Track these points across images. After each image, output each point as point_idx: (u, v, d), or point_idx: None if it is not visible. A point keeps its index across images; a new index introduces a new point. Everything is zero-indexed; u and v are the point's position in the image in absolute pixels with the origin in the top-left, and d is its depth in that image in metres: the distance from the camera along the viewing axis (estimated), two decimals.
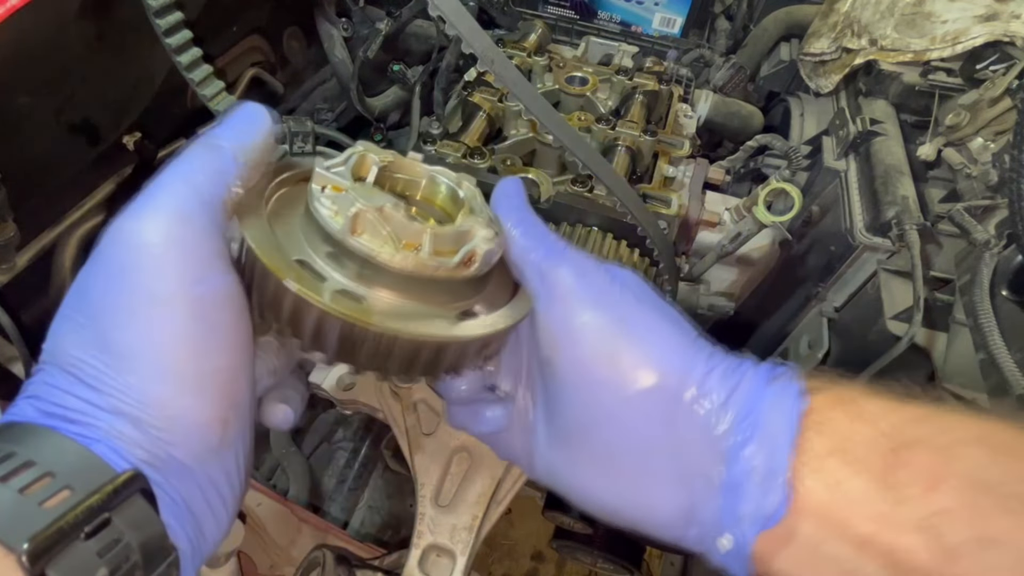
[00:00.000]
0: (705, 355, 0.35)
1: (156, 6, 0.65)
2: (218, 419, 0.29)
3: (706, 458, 0.32)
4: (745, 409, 0.32)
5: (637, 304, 0.36)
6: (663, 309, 0.37)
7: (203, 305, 0.29)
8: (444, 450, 0.68)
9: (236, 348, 0.31)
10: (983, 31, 0.85)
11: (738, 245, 0.84)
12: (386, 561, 0.66)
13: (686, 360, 0.34)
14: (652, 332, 0.35)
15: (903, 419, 0.31)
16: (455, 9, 0.46)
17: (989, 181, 0.84)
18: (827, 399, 0.32)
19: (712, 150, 1.33)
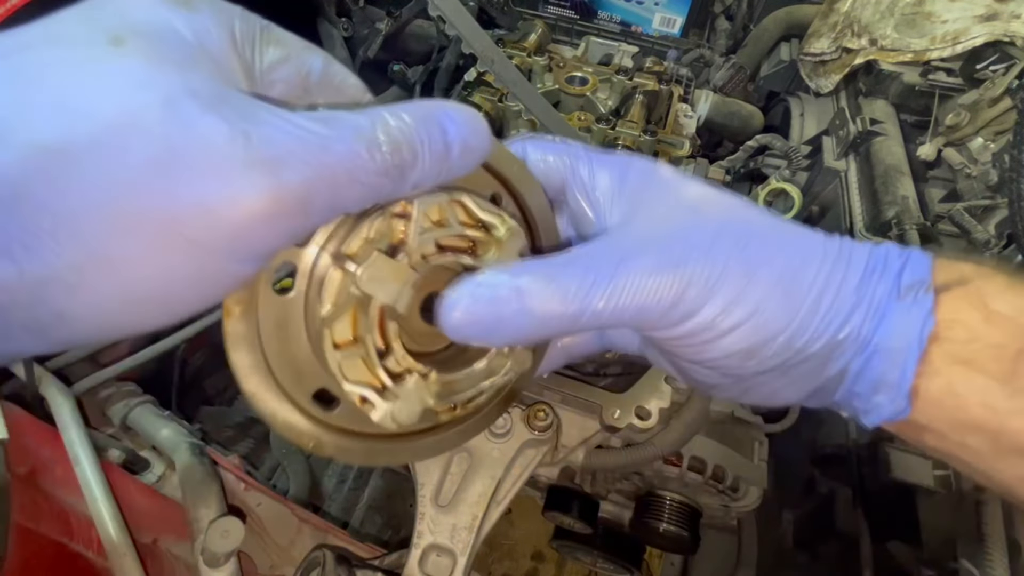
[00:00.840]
0: (834, 260, 0.33)
1: None
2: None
3: (833, 370, 0.34)
4: (873, 326, 0.33)
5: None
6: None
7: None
8: None
9: None
10: (983, 31, 0.85)
11: None
12: (386, 561, 0.66)
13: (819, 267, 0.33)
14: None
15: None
16: (455, 9, 0.47)
17: (989, 181, 0.84)
18: (958, 301, 0.32)
19: (712, 150, 1.33)
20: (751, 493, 0.90)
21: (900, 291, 0.33)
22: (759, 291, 0.32)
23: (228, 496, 0.67)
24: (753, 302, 0.32)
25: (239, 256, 0.24)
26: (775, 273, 0.33)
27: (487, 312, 0.31)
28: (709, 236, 0.33)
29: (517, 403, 0.64)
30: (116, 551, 0.63)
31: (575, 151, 0.37)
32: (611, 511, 1.09)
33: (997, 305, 0.31)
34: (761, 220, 0.35)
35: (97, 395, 0.73)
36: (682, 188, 0.36)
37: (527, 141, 0.38)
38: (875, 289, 0.33)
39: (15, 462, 0.64)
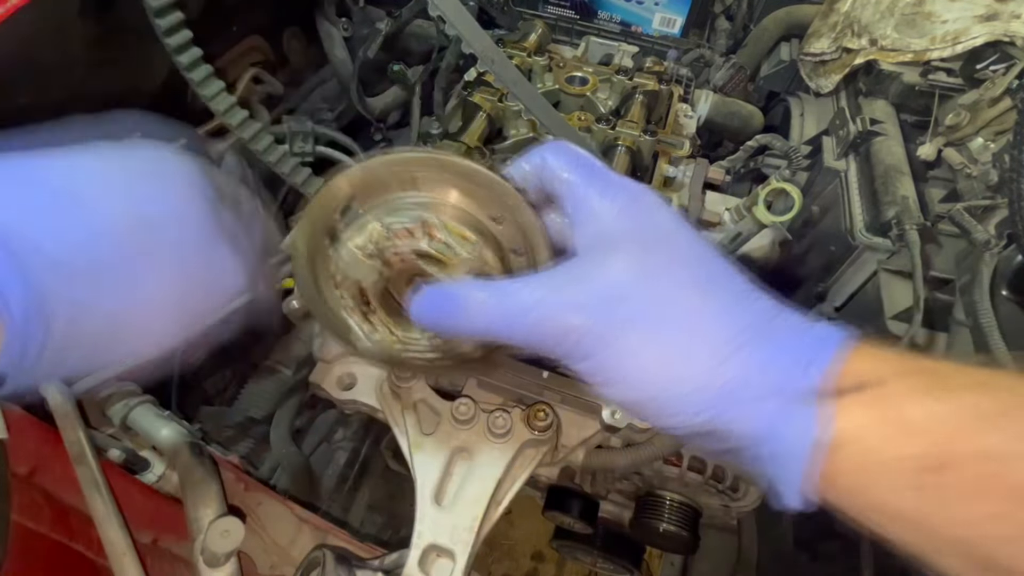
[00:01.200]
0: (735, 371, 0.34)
1: (156, 6, 0.65)
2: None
3: (724, 449, 0.35)
4: (763, 431, 0.33)
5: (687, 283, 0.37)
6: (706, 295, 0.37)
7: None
8: (444, 450, 0.68)
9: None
10: (983, 31, 0.85)
11: (738, 245, 0.84)
12: (386, 561, 0.66)
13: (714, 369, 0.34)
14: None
15: (946, 434, 0.29)
16: (456, 9, 0.47)
17: (989, 181, 0.84)
18: (866, 409, 0.31)
19: (712, 150, 1.33)
20: (751, 493, 0.89)
21: (796, 396, 0.32)
22: (638, 362, 0.35)
23: (228, 496, 0.67)
24: (628, 371, 0.35)
25: None
26: (661, 350, 0.35)
27: (436, 311, 0.39)
28: (620, 298, 0.36)
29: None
30: (116, 551, 0.63)
31: (586, 174, 0.40)
32: (611, 511, 1.09)
33: (912, 413, 0.29)
34: (689, 296, 0.36)
35: (97, 395, 0.73)
36: (645, 241, 0.38)
37: (548, 152, 0.41)
38: (767, 387, 0.33)
39: (15, 462, 0.64)
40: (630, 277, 0.36)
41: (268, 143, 0.80)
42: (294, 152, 0.97)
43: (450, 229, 0.41)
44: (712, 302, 0.36)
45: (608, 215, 0.39)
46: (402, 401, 0.70)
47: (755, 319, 0.35)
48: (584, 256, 0.39)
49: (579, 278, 0.37)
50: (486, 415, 0.68)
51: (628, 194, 0.40)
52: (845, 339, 0.33)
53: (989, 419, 0.28)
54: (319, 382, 0.79)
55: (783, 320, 0.35)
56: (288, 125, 0.96)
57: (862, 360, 0.32)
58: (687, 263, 0.38)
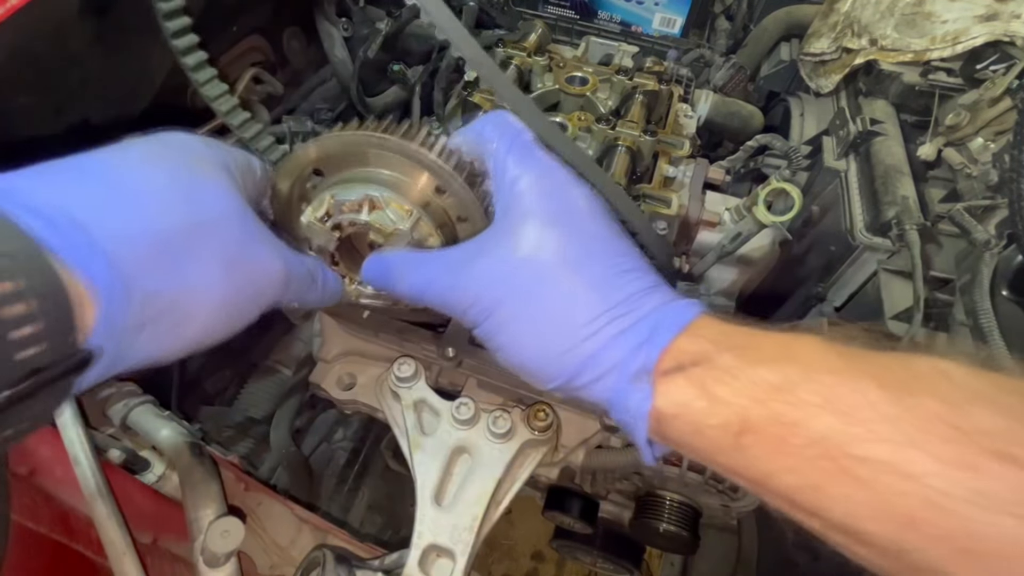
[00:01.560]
0: (588, 354, 0.40)
1: (166, 10, 0.65)
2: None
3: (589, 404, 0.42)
4: (611, 401, 0.40)
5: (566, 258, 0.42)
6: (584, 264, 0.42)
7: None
8: (444, 450, 0.68)
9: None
10: (983, 31, 0.85)
11: (738, 245, 0.84)
12: (386, 561, 0.66)
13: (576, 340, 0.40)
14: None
15: (751, 399, 0.34)
16: (446, 17, 0.47)
17: (989, 181, 0.84)
18: (682, 386, 0.36)
19: (712, 150, 1.33)
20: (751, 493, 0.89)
21: (632, 375, 0.38)
22: (514, 332, 0.42)
23: (228, 496, 0.67)
24: (509, 335, 0.42)
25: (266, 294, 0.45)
26: (533, 324, 0.41)
27: (376, 276, 0.49)
28: (509, 270, 0.42)
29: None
30: (116, 551, 0.63)
31: (508, 143, 0.46)
32: (611, 511, 1.09)
33: (718, 390, 0.35)
34: (570, 274, 0.41)
35: (97, 395, 0.73)
36: (546, 217, 0.43)
37: (485, 121, 0.48)
38: (610, 364, 0.39)
39: (15, 462, 0.64)
40: (521, 256, 0.42)
41: (269, 144, 0.80)
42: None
43: (392, 204, 0.49)
44: (589, 280, 0.41)
45: (519, 186, 0.44)
46: (402, 401, 0.70)
47: (624, 298, 0.40)
48: (489, 232, 0.45)
49: (475, 254, 0.44)
50: (486, 415, 0.68)
51: (541, 168, 0.45)
52: (689, 317, 0.39)
53: (779, 391, 0.33)
54: (319, 382, 0.79)
55: (648, 299, 0.40)
56: (288, 125, 0.96)
57: (693, 339, 0.38)
58: (580, 241, 0.42)
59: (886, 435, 0.29)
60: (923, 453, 0.28)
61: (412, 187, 0.50)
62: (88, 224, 0.32)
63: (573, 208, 0.43)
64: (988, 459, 0.27)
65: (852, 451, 0.30)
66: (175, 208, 0.37)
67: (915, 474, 0.28)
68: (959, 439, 0.27)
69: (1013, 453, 0.26)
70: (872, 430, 0.29)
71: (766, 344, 0.36)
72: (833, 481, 0.31)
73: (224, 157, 0.45)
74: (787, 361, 0.34)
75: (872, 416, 0.30)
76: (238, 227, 0.41)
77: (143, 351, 0.36)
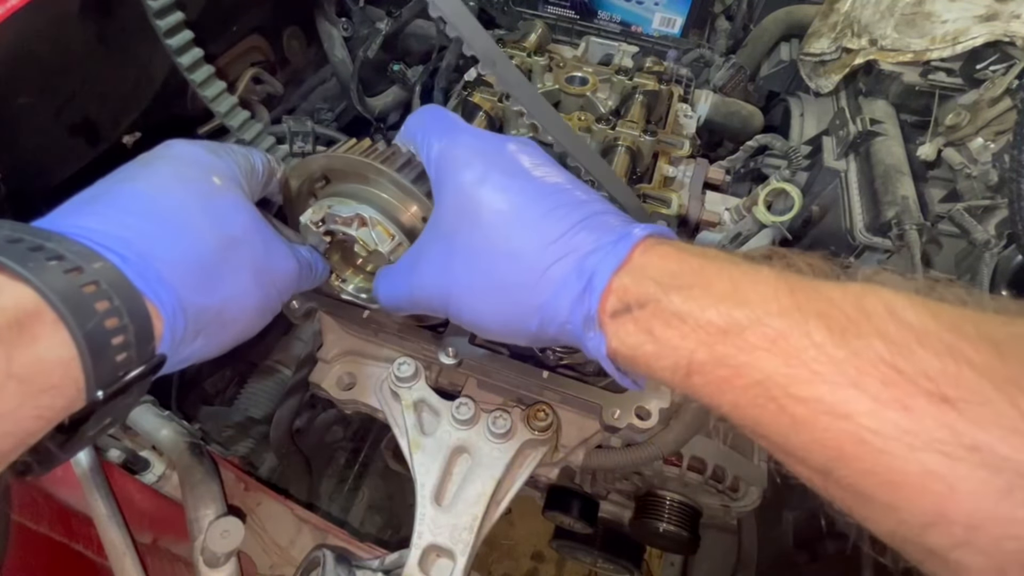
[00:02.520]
0: (549, 262, 0.41)
1: (157, 7, 0.65)
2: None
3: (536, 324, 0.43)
4: (575, 342, 0.42)
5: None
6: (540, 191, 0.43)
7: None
8: (444, 450, 0.68)
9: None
10: (983, 31, 0.85)
11: (738, 245, 0.84)
12: (386, 561, 0.66)
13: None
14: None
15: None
16: (457, 11, 0.46)
17: (989, 181, 0.84)
18: (629, 327, 0.38)
19: (712, 150, 1.33)
20: (751, 493, 0.90)
21: (582, 322, 0.40)
22: (474, 307, 0.44)
23: (228, 496, 0.67)
24: (471, 314, 0.45)
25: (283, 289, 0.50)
26: (492, 290, 0.43)
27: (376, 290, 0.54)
28: (446, 255, 0.45)
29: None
30: (116, 551, 0.63)
31: (431, 125, 0.49)
32: (611, 511, 1.09)
33: (666, 335, 0.36)
34: (492, 237, 0.42)
35: None
36: (469, 198, 0.44)
37: (411, 118, 0.51)
38: (563, 314, 0.40)
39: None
40: (452, 236, 0.44)
41: (270, 144, 0.80)
42: (294, 152, 0.97)
43: (378, 226, 0.54)
44: (521, 233, 0.41)
45: (436, 161, 0.47)
46: (402, 401, 0.70)
47: (558, 236, 0.41)
48: (429, 223, 0.48)
49: (421, 250, 0.48)
50: (486, 415, 0.68)
51: (452, 135, 0.47)
52: (625, 252, 0.38)
53: (726, 334, 0.33)
54: (319, 382, 0.79)
55: (585, 234, 0.40)
56: (288, 125, 0.96)
57: (637, 278, 0.38)
58: (504, 195, 0.43)
59: (828, 377, 0.30)
60: (861, 393, 0.29)
61: (401, 213, 0.55)
62: (147, 255, 0.38)
63: (491, 163, 0.44)
64: (923, 399, 0.27)
65: (793, 392, 0.31)
66: (210, 231, 0.43)
67: (850, 413, 0.29)
68: (898, 381, 0.28)
69: (947, 393, 0.27)
70: (815, 371, 0.30)
71: (716, 283, 0.35)
72: (773, 419, 0.32)
73: (232, 167, 0.48)
74: (736, 303, 0.34)
75: (817, 357, 0.30)
76: (259, 239, 0.46)
77: (195, 354, 0.43)
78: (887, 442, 0.28)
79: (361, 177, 0.55)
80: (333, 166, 0.56)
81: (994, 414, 0.26)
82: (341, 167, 0.55)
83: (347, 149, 0.55)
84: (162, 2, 0.65)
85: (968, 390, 0.27)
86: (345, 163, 0.54)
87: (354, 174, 0.55)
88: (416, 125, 0.50)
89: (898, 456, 0.28)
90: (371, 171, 0.54)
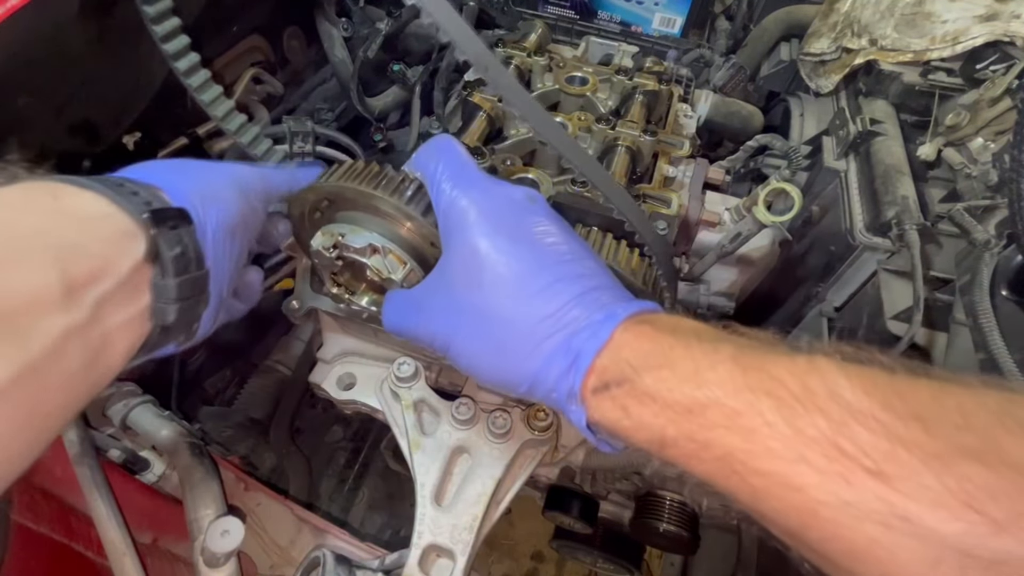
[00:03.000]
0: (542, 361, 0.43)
1: (153, 13, 0.65)
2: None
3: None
4: (559, 409, 0.44)
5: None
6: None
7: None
8: (444, 450, 0.68)
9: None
10: (983, 31, 0.85)
11: (738, 245, 0.84)
12: (386, 561, 0.66)
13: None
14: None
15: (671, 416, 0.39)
16: (449, 17, 0.46)
17: (989, 181, 0.84)
18: (606, 404, 0.41)
19: (712, 150, 1.33)
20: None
21: (566, 395, 0.43)
22: (470, 358, 0.47)
23: (228, 496, 0.67)
24: (468, 360, 0.47)
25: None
26: (489, 350, 0.45)
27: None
28: (454, 303, 0.47)
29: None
30: (116, 551, 0.63)
31: (446, 168, 0.51)
32: (611, 511, 1.09)
33: (640, 413, 0.39)
34: (499, 295, 0.45)
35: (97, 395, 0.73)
36: (474, 258, 0.47)
37: (422, 151, 0.54)
38: (550, 383, 0.43)
39: None
40: (460, 285, 0.47)
41: (267, 147, 0.80)
42: (294, 152, 0.97)
43: (390, 255, 0.56)
44: (523, 298, 0.44)
45: (452, 210, 0.49)
46: (402, 401, 0.70)
47: (553, 311, 0.43)
48: (438, 264, 0.50)
49: (430, 291, 0.50)
50: (486, 415, 0.68)
51: (470, 188, 0.49)
52: (605, 336, 0.41)
53: (691, 413, 0.37)
54: (319, 382, 0.79)
55: (576, 312, 0.43)
56: (288, 125, 0.96)
57: (615, 359, 0.41)
58: (512, 257, 0.46)
59: (780, 452, 0.33)
60: (809, 467, 0.32)
61: (412, 240, 0.57)
62: (205, 211, 0.49)
63: (498, 226, 0.47)
64: (862, 473, 0.30)
65: (753, 466, 0.34)
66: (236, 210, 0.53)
67: (802, 486, 0.32)
68: (839, 457, 0.31)
69: (882, 469, 0.30)
70: (769, 447, 0.34)
71: (681, 364, 0.39)
72: (738, 488, 0.36)
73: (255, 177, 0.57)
74: (697, 384, 0.37)
75: (770, 434, 0.34)
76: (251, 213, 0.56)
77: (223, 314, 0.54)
78: (836, 513, 0.31)
79: (372, 207, 0.56)
80: (344, 195, 0.57)
81: (921, 487, 0.29)
82: (352, 196, 0.56)
83: (357, 173, 0.56)
84: (159, 8, 0.65)
85: (899, 465, 0.30)
86: (356, 194, 0.56)
87: (362, 204, 0.57)
88: (427, 159, 0.52)
89: (846, 526, 0.31)
90: (383, 203, 0.55)
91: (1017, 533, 0.26)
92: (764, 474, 0.34)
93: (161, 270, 0.44)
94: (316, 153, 0.99)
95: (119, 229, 0.41)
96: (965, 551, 0.27)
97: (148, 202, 0.44)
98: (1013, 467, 0.27)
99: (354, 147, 1.02)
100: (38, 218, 0.38)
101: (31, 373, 0.34)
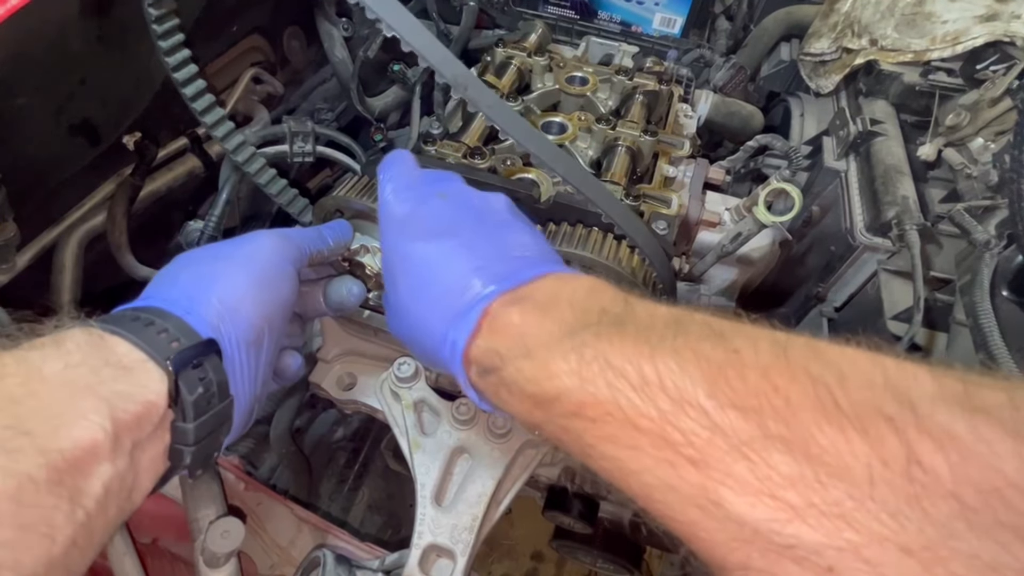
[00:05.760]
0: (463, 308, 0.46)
1: (160, 31, 0.65)
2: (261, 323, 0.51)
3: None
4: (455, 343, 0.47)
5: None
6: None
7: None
8: (444, 450, 0.68)
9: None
10: (983, 31, 0.85)
11: (738, 245, 0.84)
12: (386, 561, 0.66)
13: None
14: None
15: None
16: (427, 43, 0.47)
17: (989, 181, 0.84)
18: (493, 396, 0.44)
19: (712, 150, 1.33)
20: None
21: (463, 382, 0.46)
22: (416, 353, 0.54)
23: (228, 496, 0.67)
24: (416, 354, 0.56)
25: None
26: (417, 350, 0.52)
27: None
28: (392, 312, 0.53)
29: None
30: (116, 551, 0.63)
31: (390, 170, 0.57)
32: (611, 511, 1.09)
33: (505, 398, 0.43)
34: (408, 304, 0.50)
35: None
36: (385, 261, 0.53)
37: (386, 160, 0.59)
38: (459, 375, 0.46)
39: None
40: (389, 302, 0.52)
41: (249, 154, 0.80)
42: (294, 152, 0.97)
43: (379, 254, 0.65)
44: (418, 299, 0.49)
45: (384, 205, 0.55)
46: (402, 401, 0.70)
47: (437, 299, 0.47)
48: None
49: (388, 302, 0.53)
50: (486, 415, 0.68)
51: (398, 177, 0.55)
52: (476, 316, 0.44)
53: (539, 406, 0.40)
54: (319, 382, 0.79)
55: (449, 299, 0.46)
56: (288, 125, 0.96)
57: (490, 341, 0.43)
58: (432, 236, 0.50)
59: (618, 439, 0.35)
60: (643, 455, 0.34)
61: None
62: (227, 330, 0.49)
63: (399, 233, 0.51)
64: (683, 462, 0.33)
65: (600, 450, 0.37)
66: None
67: (638, 470, 0.35)
68: (665, 446, 0.33)
69: (702, 457, 0.32)
70: (609, 434, 0.36)
71: (537, 355, 0.40)
72: (599, 470, 0.38)
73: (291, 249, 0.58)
74: (548, 376, 0.39)
75: (610, 422, 0.36)
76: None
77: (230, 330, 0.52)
78: (664, 496, 0.34)
79: (363, 214, 0.69)
80: (340, 206, 0.71)
81: (732, 475, 0.31)
82: (347, 206, 0.70)
83: (351, 187, 0.70)
84: (165, 26, 0.65)
85: (715, 453, 0.32)
86: (348, 203, 0.69)
87: (358, 212, 0.70)
88: (380, 170, 0.58)
89: (675, 509, 0.34)
90: (371, 210, 0.67)
91: (808, 520, 0.28)
92: (609, 459, 0.36)
93: (182, 414, 0.44)
94: (316, 153, 0.99)
95: (155, 377, 0.42)
96: (768, 535, 0.29)
97: (176, 339, 0.44)
98: (814, 459, 0.29)
99: (354, 147, 1.02)
100: (90, 370, 0.40)
101: (84, 531, 0.36)
